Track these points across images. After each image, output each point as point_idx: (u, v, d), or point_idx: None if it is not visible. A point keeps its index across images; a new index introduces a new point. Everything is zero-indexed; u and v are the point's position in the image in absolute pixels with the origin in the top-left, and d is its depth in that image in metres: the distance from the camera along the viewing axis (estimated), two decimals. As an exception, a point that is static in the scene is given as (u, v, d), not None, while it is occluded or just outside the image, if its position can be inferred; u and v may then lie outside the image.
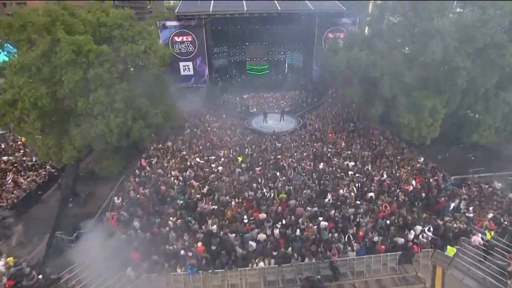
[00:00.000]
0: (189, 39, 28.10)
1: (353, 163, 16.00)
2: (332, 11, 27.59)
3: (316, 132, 20.10)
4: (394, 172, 15.23)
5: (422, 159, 16.40)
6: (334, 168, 15.47)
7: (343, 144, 18.13)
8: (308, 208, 12.49)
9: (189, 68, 29.59)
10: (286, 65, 34.14)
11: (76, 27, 12.90)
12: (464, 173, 14.85)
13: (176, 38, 27.95)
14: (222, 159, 16.88)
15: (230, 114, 24.18)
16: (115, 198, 13.45)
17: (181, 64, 29.27)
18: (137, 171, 15.95)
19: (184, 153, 17.85)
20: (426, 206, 12.94)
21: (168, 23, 27.48)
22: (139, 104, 14.86)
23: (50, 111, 12.55)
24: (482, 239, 10.89)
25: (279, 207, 12.45)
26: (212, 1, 28.12)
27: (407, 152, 17.25)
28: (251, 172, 15.50)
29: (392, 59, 13.94)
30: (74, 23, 12.79)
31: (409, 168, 15.65)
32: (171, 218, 12.24)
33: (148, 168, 16.51)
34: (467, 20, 12.33)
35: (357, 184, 14.20)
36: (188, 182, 14.71)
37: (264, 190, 13.81)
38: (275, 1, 28.06)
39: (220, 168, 15.97)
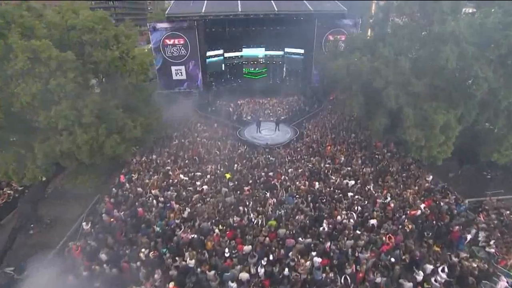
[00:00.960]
0: (181, 42, 26.63)
1: (353, 182, 14.34)
2: (332, 12, 25.92)
3: (313, 144, 18.44)
4: (399, 193, 13.54)
5: (431, 177, 14.69)
6: (331, 188, 13.82)
7: (343, 158, 16.45)
8: (300, 239, 10.86)
9: (181, 73, 28.15)
10: (285, 69, 32.53)
11: (38, 30, 11.40)
12: (480, 195, 13.09)
13: (167, 41, 26.53)
14: (208, 176, 15.30)
15: (222, 122, 22.61)
16: (84, 223, 11.93)
17: (173, 68, 27.85)
18: (113, 189, 14.47)
19: (169, 168, 16.31)
20: (437, 236, 11.21)
21: (159, 25, 26.07)
22: (114, 117, 13.32)
23: (6, 125, 11.08)
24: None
25: (267, 238, 10.85)
26: (205, 2, 26.61)
27: (414, 169, 15.54)
28: (238, 192, 13.92)
29: (398, 66, 12.26)
30: (35, 26, 11.29)
31: (416, 188, 13.93)
32: (143, 250, 10.69)
33: (127, 185, 15.04)
34: (487, 22, 10.57)
35: (357, 208, 12.56)
36: (168, 204, 13.17)
37: (252, 215, 12.21)
38: (272, 1, 26.46)
39: (205, 187, 14.40)
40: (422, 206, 12.36)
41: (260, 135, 20.29)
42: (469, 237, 10.74)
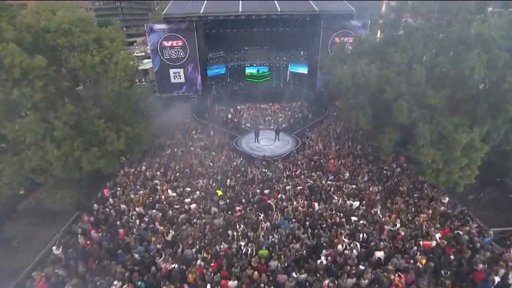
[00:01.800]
0: (180, 44, 25.49)
1: (357, 203, 12.77)
2: (339, 12, 24.26)
3: (315, 156, 16.91)
4: (410, 218, 11.91)
5: (447, 199, 12.96)
6: (333, 211, 12.28)
7: (347, 174, 14.87)
8: (294, 274, 9.39)
9: (179, 76, 27.02)
10: (288, 72, 31.00)
11: (7, 33, 10.29)
12: (507, 223, 11.32)
13: (165, 43, 25.43)
14: (198, 192, 13.98)
15: (219, 130, 21.27)
16: (54, 247, 10.73)
17: (171, 71, 26.75)
18: (95, 205, 13.31)
19: (157, 182, 15.07)
20: (456, 276, 9.56)
21: (156, 26, 24.99)
22: (94, 128, 12.17)
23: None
24: None
25: (255, 272, 9.44)
26: (205, 2, 25.35)
27: (428, 188, 13.83)
28: (229, 212, 12.56)
29: (411, 74, 10.66)
30: (3, 27, 10.18)
31: (430, 212, 12.26)
32: (115, 283, 9.41)
33: (111, 200, 13.87)
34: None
35: (361, 236, 11.01)
36: (151, 225, 11.90)
37: (241, 242, 10.81)
38: (275, 1, 24.99)
39: (193, 206, 13.10)
40: (438, 236, 10.72)
41: (258, 145, 18.87)
42: (497, 279, 9.05)
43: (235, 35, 29.18)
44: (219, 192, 13.90)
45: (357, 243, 10.56)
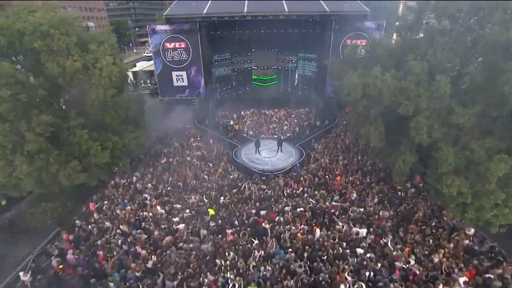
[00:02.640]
0: (182, 46, 24.45)
1: (365, 231, 11.19)
2: (352, 13, 22.51)
3: (320, 172, 15.37)
4: (427, 253, 10.22)
5: (473, 230, 11.14)
6: (336, 240, 10.76)
7: (354, 194, 13.26)
8: (286, 322, 8.00)
9: (182, 79, 26.01)
10: (297, 76, 29.45)
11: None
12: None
13: (167, 45, 24.46)
14: (188, 210, 12.78)
15: (219, 138, 20.03)
16: (22, 273, 9.74)
17: (174, 73, 25.78)
18: (77, 221, 12.35)
19: (147, 196, 13.99)
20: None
21: (159, 27, 24.06)
22: (76, 140, 11.18)
23: None
24: None
25: (241, 317, 8.10)
26: (209, 2, 24.19)
27: (449, 215, 12.04)
28: (220, 236, 11.28)
29: (434, 86, 9.00)
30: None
31: (451, 246, 10.52)
32: (82, 320, 8.34)
33: (95, 215, 12.89)
34: None
35: (368, 274, 9.45)
36: (133, 249, 10.78)
37: (229, 275, 9.48)
38: (283, 1, 23.52)
39: (181, 226, 11.90)
40: (462, 280, 8.99)
41: (258, 156, 17.45)
42: None
43: (241, 36, 27.93)
44: (211, 211, 12.64)
45: (362, 284, 9.00)
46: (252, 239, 10.99)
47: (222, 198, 13.47)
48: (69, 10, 56.62)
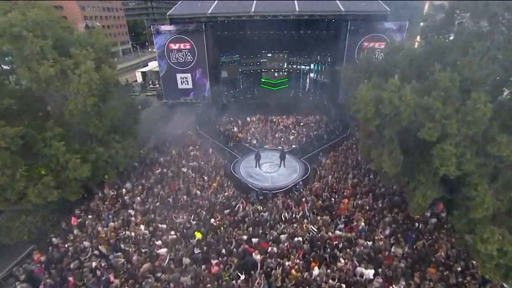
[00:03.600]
0: (187, 47, 23.41)
1: (371, 272, 9.45)
2: (370, 13, 20.45)
3: (325, 193, 13.66)
4: (449, 310, 8.35)
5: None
6: (336, 281, 9.11)
7: (362, 223, 11.48)
8: None
9: (187, 81, 25.00)
10: (308, 80, 27.64)
11: None
12: None
13: (172, 46, 23.51)
14: (173, 232, 11.54)
15: (219, 147, 18.71)
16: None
17: (178, 76, 24.84)
18: (53, 238, 11.46)
19: (132, 212, 12.93)
20: None
21: (163, 28, 23.14)
22: (51, 153, 10.21)
23: None
24: None
25: None
26: (215, 2, 22.90)
27: (478, 258, 9.97)
28: (204, 266, 9.95)
29: (468, 106, 7.15)
30: None
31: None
32: None
33: (75, 232, 11.97)
34: None
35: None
36: (104, 278, 9.67)
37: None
38: (294, 0, 21.81)
39: (163, 251, 10.69)
40: None
41: (258, 171, 15.91)
42: None
43: (251, 37, 26.47)
44: (198, 235, 11.35)
45: None
46: (239, 273, 9.58)
47: (212, 219, 12.11)
48: (87, 10, 57.64)
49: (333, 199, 13.23)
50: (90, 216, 12.78)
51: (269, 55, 27.85)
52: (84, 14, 55.99)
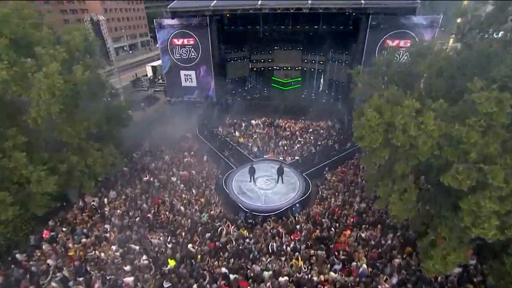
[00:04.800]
0: (191, 43, 21.95)
1: (370, 338, 7.53)
2: (395, 5, 17.64)
3: (325, 219, 11.73)
4: None
5: None
6: None
7: (364, 265, 9.47)
8: None
9: (191, 79, 23.67)
10: (322, 80, 25.22)
11: None
12: None
13: (175, 41, 22.15)
14: (145, 257, 10.26)
15: (216, 154, 17.18)
16: None
17: (182, 73, 23.54)
18: (17, 255, 10.59)
19: (108, 226, 11.85)
20: None
21: (166, 22, 21.81)
22: (10, 165, 9.22)
23: None
24: None
25: None
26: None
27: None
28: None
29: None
30: None
31: None
32: None
33: (44, 247, 11.05)
34: None
35: None
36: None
37: None
38: (308, -9, 19.42)
39: (129, 279, 9.46)
40: None
41: (252, 187, 14.14)
42: None
43: (261, 32, 24.45)
44: (171, 263, 9.99)
45: None
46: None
47: (190, 244, 10.68)
48: (108, 3, 57.81)
49: (333, 228, 11.27)
50: (64, 229, 11.87)
51: (282, 51, 25.67)
52: (104, 6, 56.27)
